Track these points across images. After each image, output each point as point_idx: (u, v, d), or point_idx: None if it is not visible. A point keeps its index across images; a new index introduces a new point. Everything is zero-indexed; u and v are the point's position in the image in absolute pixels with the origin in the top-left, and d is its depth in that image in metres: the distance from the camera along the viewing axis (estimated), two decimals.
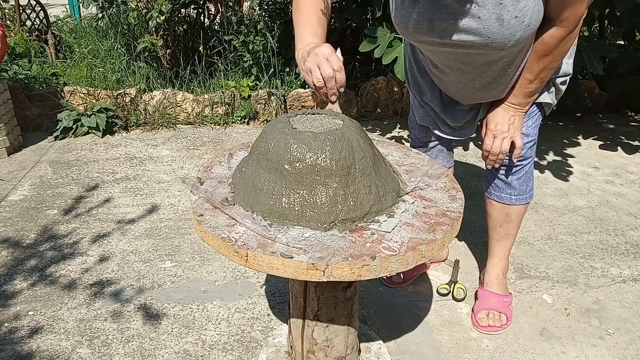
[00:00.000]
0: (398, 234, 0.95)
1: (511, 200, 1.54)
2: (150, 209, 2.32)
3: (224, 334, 1.57)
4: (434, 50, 1.28)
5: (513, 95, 1.35)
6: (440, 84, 1.46)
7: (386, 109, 3.66)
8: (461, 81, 1.35)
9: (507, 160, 1.47)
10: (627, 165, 2.90)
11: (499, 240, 1.64)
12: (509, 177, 1.51)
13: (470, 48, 1.17)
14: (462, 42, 1.16)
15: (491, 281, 1.68)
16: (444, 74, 1.37)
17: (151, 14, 3.31)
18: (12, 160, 2.82)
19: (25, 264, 1.90)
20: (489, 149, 1.40)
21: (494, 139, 1.39)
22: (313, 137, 0.98)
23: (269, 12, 3.64)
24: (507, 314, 1.61)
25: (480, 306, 1.64)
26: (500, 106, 1.39)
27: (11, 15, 4.10)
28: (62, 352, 1.50)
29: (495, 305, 1.62)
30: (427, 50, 1.32)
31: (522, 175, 1.51)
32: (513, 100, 1.36)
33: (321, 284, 1.13)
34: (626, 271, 1.91)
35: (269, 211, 0.98)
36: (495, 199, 1.57)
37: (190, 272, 1.87)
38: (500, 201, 1.56)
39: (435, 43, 1.20)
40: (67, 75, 3.50)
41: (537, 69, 1.26)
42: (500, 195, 1.55)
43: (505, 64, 1.25)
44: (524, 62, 1.28)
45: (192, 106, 3.39)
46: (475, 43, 1.15)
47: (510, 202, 1.54)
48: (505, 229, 1.61)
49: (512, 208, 1.56)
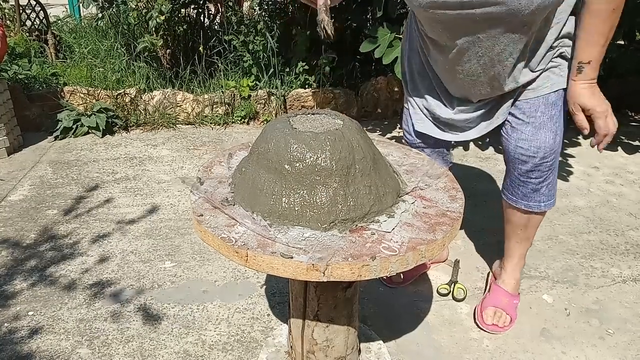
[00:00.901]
0: (398, 234, 0.95)
1: (540, 207, 1.48)
2: (150, 209, 2.32)
3: (224, 334, 1.57)
4: (447, 21, 1.21)
5: (592, 70, 1.25)
6: (445, 74, 1.40)
7: (386, 109, 3.66)
8: (471, 62, 1.29)
9: (543, 162, 1.40)
10: (627, 165, 2.90)
11: (518, 243, 1.61)
12: (541, 183, 1.44)
13: (488, 5, 1.12)
14: (480, 1, 1.12)
15: (508, 280, 1.66)
16: (451, 60, 1.31)
17: (151, 14, 3.31)
18: (12, 160, 2.82)
19: (25, 264, 1.90)
20: (608, 131, 1.29)
21: (605, 119, 1.28)
22: (313, 137, 0.98)
23: (269, 12, 3.63)
24: (512, 316, 1.61)
25: (490, 302, 1.63)
26: (583, 87, 1.28)
27: (11, 15, 4.10)
28: (62, 352, 1.50)
29: (505, 304, 1.62)
30: (441, 23, 1.25)
31: (551, 179, 1.45)
32: (592, 75, 1.27)
33: (321, 284, 1.13)
34: (626, 271, 1.91)
35: (269, 211, 0.98)
36: (523, 207, 1.50)
37: (190, 272, 1.87)
38: (529, 209, 1.49)
39: (454, 5, 1.16)
40: (67, 75, 3.50)
41: (607, 30, 1.19)
42: (528, 204, 1.48)
43: (522, 36, 1.20)
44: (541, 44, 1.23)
45: (192, 106, 3.39)
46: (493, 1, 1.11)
47: (540, 209, 1.48)
48: (526, 233, 1.57)
49: (536, 214, 1.51)
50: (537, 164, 1.40)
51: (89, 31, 4.16)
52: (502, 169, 2.78)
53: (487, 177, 2.71)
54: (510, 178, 1.50)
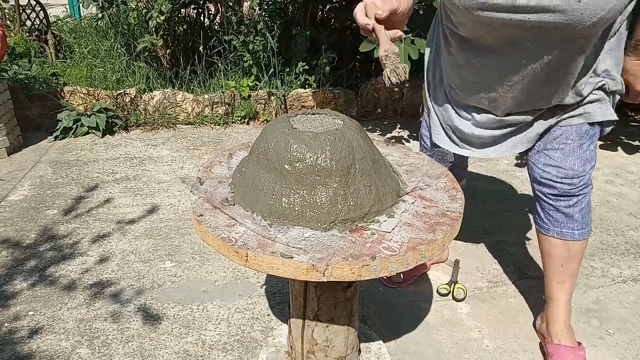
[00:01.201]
0: (398, 234, 0.95)
1: (574, 235, 1.38)
2: (150, 209, 2.32)
3: (224, 334, 1.57)
4: (493, 25, 1.12)
5: None
6: (471, 79, 1.30)
7: (386, 109, 3.66)
8: (510, 69, 1.20)
9: (571, 189, 1.34)
10: (627, 165, 2.90)
11: (561, 283, 1.45)
12: (571, 208, 1.36)
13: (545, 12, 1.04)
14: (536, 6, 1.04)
15: (561, 332, 1.47)
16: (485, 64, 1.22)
17: (151, 14, 3.31)
18: (12, 160, 2.82)
19: (25, 264, 1.90)
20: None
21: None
22: (313, 137, 0.98)
23: (269, 12, 3.64)
24: None
25: None
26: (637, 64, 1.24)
27: (11, 15, 4.10)
28: (62, 352, 1.50)
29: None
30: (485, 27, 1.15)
31: (584, 204, 1.36)
32: None
33: (321, 284, 1.13)
34: (626, 271, 1.91)
35: (269, 211, 0.98)
36: (555, 235, 1.40)
37: (190, 272, 1.87)
38: (562, 237, 1.40)
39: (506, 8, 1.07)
40: (67, 75, 3.50)
41: None
42: (561, 231, 1.39)
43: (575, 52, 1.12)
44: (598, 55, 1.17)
45: (192, 106, 3.39)
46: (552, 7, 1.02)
47: (573, 237, 1.38)
48: (568, 269, 1.44)
49: (574, 244, 1.40)
50: (565, 190, 1.34)
51: (89, 31, 4.16)
52: (502, 169, 2.79)
53: (487, 177, 2.71)
54: (540, 203, 1.42)
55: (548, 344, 1.49)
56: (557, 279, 1.46)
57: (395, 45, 1.03)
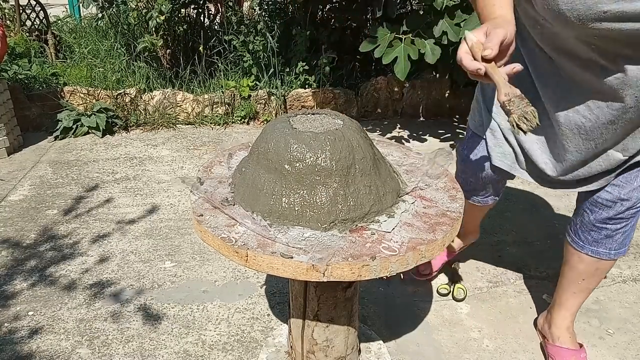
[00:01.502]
0: (398, 234, 0.95)
1: (609, 255, 1.30)
2: (150, 209, 2.32)
3: (224, 334, 1.57)
4: (612, 39, 0.94)
5: None
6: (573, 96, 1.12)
7: (386, 109, 3.65)
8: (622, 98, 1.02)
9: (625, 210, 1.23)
10: None
11: (576, 293, 1.42)
12: (616, 230, 1.26)
13: None
14: None
15: (563, 335, 1.46)
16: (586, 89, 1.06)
17: (151, 14, 3.31)
18: (12, 160, 2.82)
19: (25, 264, 1.90)
20: None
21: None
22: (313, 137, 0.98)
23: (269, 12, 3.63)
24: None
25: None
26: None
27: (11, 15, 4.09)
28: (62, 352, 1.50)
29: None
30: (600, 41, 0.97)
31: (630, 226, 1.27)
32: None
33: (321, 284, 1.13)
34: (626, 271, 1.91)
35: (269, 211, 0.98)
36: (589, 253, 1.31)
37: (190, 272, 1.87)
38: (596, 255, 1.31)
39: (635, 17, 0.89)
40: (67, 75, 3.50)
41: None
42: (597, 250, 1.30)
43: None
44: None
45: (192, 106, 3.39)
46: None
47: (608, 257, 1.30)
48: (588, 283, 1.38)
49: (606, 263, 1.32)
50: (621, 212, 1.23)
51: (89, 31, 4.15)
52: None
53: None
54: (582, 221, 1.31)
55: (549, 345, 1.48)
56: (573, 289, 1.41)
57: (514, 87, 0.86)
